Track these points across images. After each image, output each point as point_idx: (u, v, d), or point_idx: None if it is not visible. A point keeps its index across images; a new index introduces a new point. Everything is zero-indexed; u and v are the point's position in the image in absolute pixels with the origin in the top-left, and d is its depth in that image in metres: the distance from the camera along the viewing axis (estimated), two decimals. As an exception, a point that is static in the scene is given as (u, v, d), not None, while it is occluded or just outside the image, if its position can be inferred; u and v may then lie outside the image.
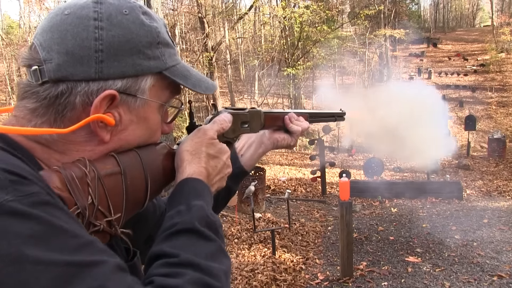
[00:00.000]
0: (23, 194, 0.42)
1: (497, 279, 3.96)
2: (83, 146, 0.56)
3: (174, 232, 0.54)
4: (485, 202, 7.21)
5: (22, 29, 24.29)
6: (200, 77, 0.65)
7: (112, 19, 0.54)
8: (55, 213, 0.43)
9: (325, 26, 14.60)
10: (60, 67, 0.53)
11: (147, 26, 0.57)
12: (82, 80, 0.53)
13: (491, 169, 10.11)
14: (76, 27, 0.53)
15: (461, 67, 26.07)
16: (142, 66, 0.56)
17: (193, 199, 0.58)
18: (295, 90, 15.67)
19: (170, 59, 0.60)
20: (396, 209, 6.74)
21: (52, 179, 0.48)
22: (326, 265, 4.52)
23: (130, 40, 0.55)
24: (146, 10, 0.59)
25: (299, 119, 0.92)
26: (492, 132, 13.34)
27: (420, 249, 4.83)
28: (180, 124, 14.65)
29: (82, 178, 0.50)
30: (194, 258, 0.51)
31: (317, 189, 8.24)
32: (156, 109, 0.61)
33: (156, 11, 7.40)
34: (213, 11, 17.25)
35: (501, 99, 20.07)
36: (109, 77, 0.54)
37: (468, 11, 51.37)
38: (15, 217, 0.40)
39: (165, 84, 0.61)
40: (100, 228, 0.51)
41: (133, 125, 0.59)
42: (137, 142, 0.60)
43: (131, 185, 0.56)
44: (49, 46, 0.53)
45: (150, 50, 0.57)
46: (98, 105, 0.53)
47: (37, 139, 0.54)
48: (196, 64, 14.23)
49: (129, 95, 0.56)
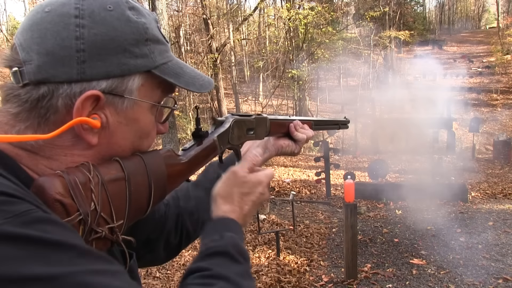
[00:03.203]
0: (11, 215, 0.41)
1: (502, 282, 3.92)
2: (71, 150, 0.53)
3: (209, 254, 0.59)
4: (490, 204, 7.15)
5: (28, 30, 24.42)
6: (194, 74, 0.61)
7: (94, 16, 0.51)
8: (48, 228, 0.42)
9: (330, 27, 14.60)
10: (40, 69, 0.50)
11: (134, 22, 0.54)
12: (64, 82, 0.50)
13: (497, 172, 10.03)
14: (56, 26, 0.50)
15: (466, 69, 25.93)
16: (129, 65, 0.53)
17: (226, 231, 0.63)
18: (300, 91, 15.65)
19: (161, 56, 0.57)
20: (400, 211, 6.71)
21: (54, 184, 0.46)
22: (330, 267, 4.50)
23: (115, 38, 0.52)
24: (133, 5, 0.55)
25: (304, 127, 0.91)
26: (498, 134, 13.26)
27: (424, 252, 4.80)
28: (184, 126, 14.69)
29: (86, 183, 0.49)
30: (226, 273, 0.56)
31: (322, 191, 8.22)
32: (147, 109, 0.58)
33: (161, 12, 7.44)
34: (218, 12, 17.31)
35: (507, 101, 19.93)
36: (92, 78, 0.51)
37: (474, 13, 51.07)
38: (7, 241, 0.39)
39: (156, 83, 0.57)
40: (102, 235, 0.50)
41: (122, 127, 0.55)
42: (129, 145, 0.57)
43: (135, 191, 0.55)
44: (28, 46, 0.50)
45: (137, 48, 0.53)
46: (80, 107, 0.50)
47: (22, 145, 0.51)
48: (200, 66, 14.27)
49: (115, 95, 0.53)
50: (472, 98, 20.13)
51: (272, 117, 0.85)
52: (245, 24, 18.22)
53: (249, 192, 0.70)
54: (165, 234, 0.81)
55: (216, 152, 0.71)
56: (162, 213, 0.81)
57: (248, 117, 0.79)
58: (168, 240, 0.82)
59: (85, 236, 0.48)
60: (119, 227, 0.53)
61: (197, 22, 18.39)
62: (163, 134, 0.70)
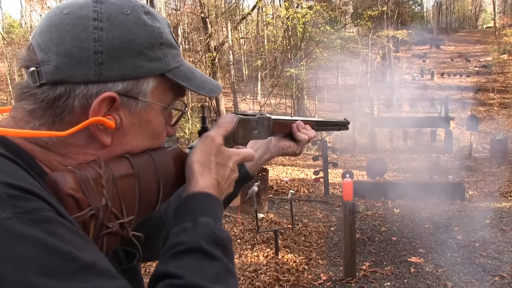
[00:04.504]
0: (21, 211, 0.40)
1: (498, 279, 3.95)
2: (84, 149, 0.54)
3: (180, 252, 0.53)
4: (487, 203, 7.19)
5: (24, 28, 24.34)
6: (204, 78, 0.63)
7: (112, 19, 0.52)
8: (56, 230, 0.42)
9: (328, 26, 14.61)
10: (58, 69, 0.51)
11: (149, 26, 0.55)
12: (81, 83, 0.51)
13: (493, 170, 10.09)
14: (74, 28, 0.51)
15: (464, 68, 26.03)
16: (144, 68, 0.55)
17: (200, 216, 0.56)
18: (298, 90, 15.66)
19: (173, 60, 0.59)
20: (398, 209, 6.74)
21: (66, 179, 0.48)
22: (329, 265, 4.52)
23: (131, 41, 0.53)
24: (148, 10, 0.57)
25: (306, 128, 0.91)
26: (495, 133, 13.32)
27: (422, 250, 4.83)
28: (183, 125, 14.67)
29: (97, 179, 0.50)
30: (199, 281, 0.50)
31: (320, 190, 8.24)
32: (159, 111, 0.59)
33: (159, 11, 7.43)
34: (216, 11, 17.28)
35: (503, 100, 20.03)
36: (109, 79, 0.52)
37: (471, 13, 51.23)
38: (12, 237, 0.39)
39: (168, 86, 0.59)
40: (113, 230, 0.51)
41: (135, 128, 0.57)
42: (141, 145, 0.58)
43: (144, 187, 0.56)
44: (47, 47, 0.52)
45: (152, 52, 0.55)
46: (96, 107, 0.52)
47: (37, 141, 0.52)
48: (198, 65, 14.25)
49: (130, 97, 0.55)
50: (469, 97, 20.20)
51: (275, 117, 0.86)
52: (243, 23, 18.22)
53: (224, 163, 0.64)
54: (165, 231, 0.81)
55: None
56: (163, 209, 0.81)
57: (252, 116, 0.79)
58: (168, 237, 0.82)
59: (96, 231, 0.50)
60: (129, 222, 0.54)
61: (195, 20, 18.36)
62: (172, 136, 0.70)
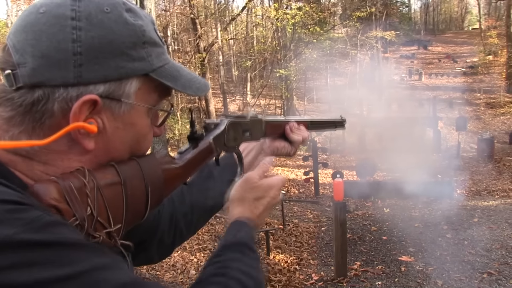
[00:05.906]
0: (27, 222, 0.40)
1: (487, 276, 4.01)
2: (67, 155, 0.51)
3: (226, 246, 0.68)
4: (475, 201, 7.31)
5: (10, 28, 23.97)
6: (191, 77, 0.60)
7: (91, 18, 0.49)
8: (62, 230, 0.43)
9: (317, 27, 14.66)
10: (35, 72, 0.48)
11: (131, 24, 0.52)
12: (60, 86, 0.48)
13: (481, 169, 10.25)
14: (51, 28, 0.48)
15: (451, 69, 26.42)
16: (126, 69, 0.52)
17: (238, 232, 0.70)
18: (287, 91, 15.70)
19: (158, 59, 0.56)
20: (388, 209, 6.79)
21: (48, 190, 0.46)
22: (320, 265, 4.54)
23: (112, 41, 0.50)
24: (130, 7, 0.54)
25: (299, 128, 0.91)
26: (481, 133, 13.55)
27: (412, 249, 4.87)
28: (172, 126, 14.58)
29: (81, 188, 0.48)
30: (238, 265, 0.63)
31: (310, 190, 8.27)
32: (144, 113, 0.57)
33: (149, 11, 7.36)
34: (206, 12, 17.23)
35: (489, 100, 20.37)
36: (89, 81, 0.49)
37: (457, 14, 52.01)
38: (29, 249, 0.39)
39: (153, 87, 0.56)
40: (99, 239, 0.49)
41: (119, 131, 0.54)
42: (126, 148, 0.56)
43: (131, 195, 0.54)
44: (22, 48, 0.48)
45: (134, 51, 0.52)
46: (77, 111, 0.49)
47: (17, 151, 0.50)
48: (188, 65, 14.18)
49: (112, 100, 0.52)
50: (456, 97, 20.49)
51: (267, 119, 0.85)
52: (233, 24, 18.18)
53: (262, 196, 0.75)
54: (159, 234, 0.81)
55: (212, 155, 0.71)
56: (156, 214, 0.80)
57: (243, 118, 0.78)
58: (162, 240, 0.82)
59: None
60: (117, 231, 0.52)
61: (184, 21, 18.28)
62: (159, 136, 0.68)
